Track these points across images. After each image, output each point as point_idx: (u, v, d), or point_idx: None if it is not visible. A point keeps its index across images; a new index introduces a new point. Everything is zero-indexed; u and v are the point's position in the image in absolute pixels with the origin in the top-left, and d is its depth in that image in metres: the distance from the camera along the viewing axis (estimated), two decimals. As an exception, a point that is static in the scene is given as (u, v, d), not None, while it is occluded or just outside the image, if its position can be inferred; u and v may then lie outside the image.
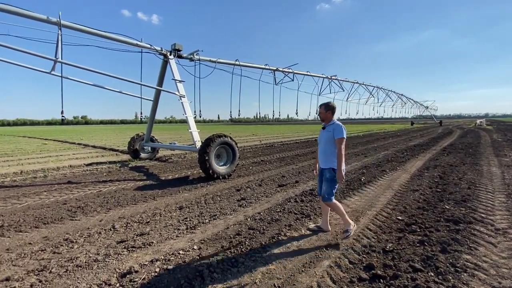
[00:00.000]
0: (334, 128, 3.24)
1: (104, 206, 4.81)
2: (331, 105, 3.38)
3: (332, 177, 3.24)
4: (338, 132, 3.20)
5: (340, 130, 3.19)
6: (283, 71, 13.38)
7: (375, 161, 9.18)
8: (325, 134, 3.33)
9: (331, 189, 3.26)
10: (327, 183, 3.26)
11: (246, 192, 5.60)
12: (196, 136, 7.60)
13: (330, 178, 3.24)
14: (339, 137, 3.18)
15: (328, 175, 3.25)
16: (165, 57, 8.52)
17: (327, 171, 3.28)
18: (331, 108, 3.36)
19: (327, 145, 3.29)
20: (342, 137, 3.17)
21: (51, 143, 18.92)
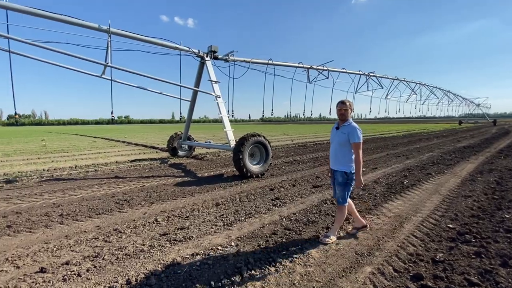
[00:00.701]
0: (350, 131, 3.04)
1: (148, 200, 5.13)
2: (352, 102, 3.18)
3: (345, 181, 3.12)
4: (355, 136, 3.00)
5: (357, 134, 3.00)
6: (317, 68, 13.07)
7: (419, 163, 8.54)
8: (339, 135, 3.14)
9: (344, 193, 3.15)
10: (340, 187, 3.15)
11: (280, 192, 5.57)
12: (230, 135, 7.76)
13: (343, 182, 3.13)
14: (357, 142, 3.00)
15: (340, 179, 3.14)
16: (202, 59, 8.82)
17: (339, 174, 3.16)
18: (352, 106, 3.16)
19: (341, 147, 3.13)
20: (359, 142, 3.01)
21: (99, 141, 20.74)
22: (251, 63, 10.12)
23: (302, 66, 12.30)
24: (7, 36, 5.66)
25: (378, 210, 4.32)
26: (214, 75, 8.62)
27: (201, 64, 9.01)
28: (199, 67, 9.07)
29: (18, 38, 5.85)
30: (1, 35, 5.62)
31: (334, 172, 3.23)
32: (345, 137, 3.05)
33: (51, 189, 5.99)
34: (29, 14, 5.90)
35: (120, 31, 7.14)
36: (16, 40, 5.85)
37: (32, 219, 4.23)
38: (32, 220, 4.18)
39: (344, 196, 3.15)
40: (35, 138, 24.34)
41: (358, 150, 3.01)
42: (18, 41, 5.91)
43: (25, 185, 6.50)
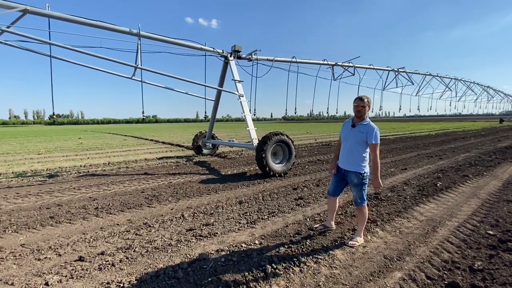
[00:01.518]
0: (368, 131, 2.91)
1: (174, 196, 5.33)
2: (370, 100, 3.01)
3: (360, 182, 3.04)
4: (374, 136, 2.89)
5: (376, 134, 2.91)
6: (342, 65, 12.69)
7: (454, 165, 7.99)
8: (355, 134, 3.00)
9: (362, 193, 3.07)
10: (357, 188, 3.07)
11: (303, 192, 5.50)
12: (253, 134, 7.80)
13: (359, 183, 3.04)
14: (375, 143, 2.91)
15: (356, 180, 3.05)
16: (225, 59, 8.95)
17: (353, 175, 3.06)
18: (370, 104, 3.01)
19: (356, 146, 3.00)
20: (378, 143, 2.92)
21: (129, 139, 21.86)
22: (274, 61, 10.08)
23: (327, 63, 12.02)
24: (49, 42, 6.14)
25: (408, 213, 4.11)
26: (238, 74, 8.70)
27: (225, 64, 9.14)
28: (223, 67, 9.21)
29: (59, 44, 6.33)
30: (43, 41, 6.11)
31: (346, 172, 3.12)
32: (363, 137, 2.93)
33: (87, 184, 6.43)
34: (68, 21, 6.36)
35: (149, 34, 7.45)
36: (56, 46, 6.33)
37: (71, 211, 4.57)
38: (72, 212, 4.52)
39: (362, 196, 3.08)
40: (72, 136, 26.25)
41: (376, 152, 2.92)
42: (58, 47, 6.40)
43: (65, 179, 7.04)
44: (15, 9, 5.51)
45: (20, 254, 3.08)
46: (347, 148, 3.09)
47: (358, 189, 3.05)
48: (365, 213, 3.15)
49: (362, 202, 3.08)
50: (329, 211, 3.54)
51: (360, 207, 3.12)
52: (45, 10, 5.99)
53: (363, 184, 3.04)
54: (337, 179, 3.28)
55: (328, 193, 3.44)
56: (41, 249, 3.18)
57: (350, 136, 3.05)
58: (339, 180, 3.26)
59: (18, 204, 4.99)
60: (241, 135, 23.89)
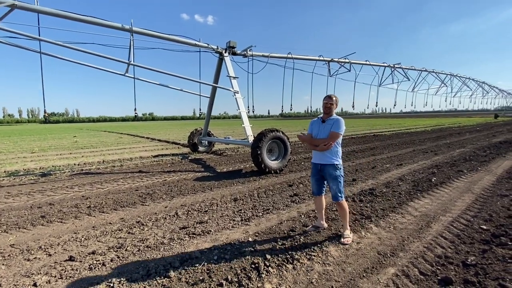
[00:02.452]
0: (334, 122, 3.12)
1: (169, 194, 5.28)
2: (338, 99, 3.25)
3: (338, 174, 3.12)
4: (337, 125, 3.09)
5: (340, 124, 3.10)
6: (338, 61, 12.65)
7: (449, 160, 8.02)
8: (326, 128, 3.15)
9: (340, 187, 3.13)
10: (335, 181, 3.12)
11: (299, 188, 5.48)
12: (249, 131, 7.75)
13: (337, 175, 3.12)
14: (336, 131, 3.07)
15: (333, 172, 3.12)
16: (220, 55, 8.86)
17: (330, 168, 3.13)
18: (337, 102, 3.25)
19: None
20: (339, 132, 3.07)
21: (125, 137, 21.69)
22: (270, 57, 10.00)
23: (323, 59, 11.96)
24: (38, 38, 6.01)
25: (403, 208, 4.11)
26: (233, 70, 8.62)
27: (219, 60, 9.05)
28: (218, 63, 9.12)
29: (49, 40, 6.20)
30: (33, 37, 5.98)
31: (323, 167, 3.17)
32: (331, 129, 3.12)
33: (80, 183, 6.35)
34: (58, 17, 6.22)
35: (142, 30, 7.33)
36: (46, 42, 6.20)
37: (63, 210, 4.50)
38: (63, 211, 4.45)
39: (341, 190, 3.13)
40: (67, 135, 25.99)
41: (335, 140, 3.07)
42: (49, 43, 6.27)
43: (58, 178, 6.95)
44: (3, 4, 5.37)
45: (9, 254, 3.02)
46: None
47: (336, 182, 3.10)
48: (346, 207, 3.17)
49: (341, 196, 3.12)
50: (318, 210, 3.51)
51: (340, 202, 3.13)
52: (34, 5, 5.85)
53: (340, 176, 3.13)
54: (316, 177, 3.30)
55: (313, 194, 3.44)
56: (31, 249, 3.13)
57: (321, 131, 3.19)
58: (318, 178, 3.29)
59: (8, 204, 4.91)
60: (238, 132, 23.82)
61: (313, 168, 3.34)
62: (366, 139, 15.82)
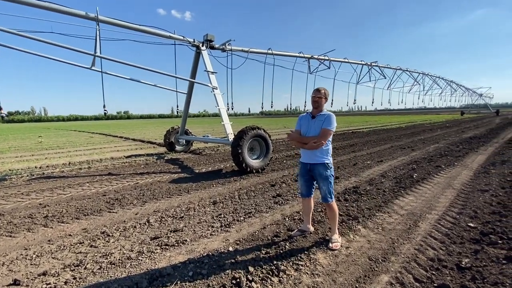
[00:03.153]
0: (326, 118, 2.84)
1: (140, 198, 4.80)
2: (328, 92, 2.96)
3: (329, 174, 2.87)
4: (329, 121, 2.81)
5: (331, 120, 2.82)
6: (318, 58, 12.61)
7: (426, 155, 8.18)
8: (316, 124, 2.88)
9: (330, 188, 2.88)
10: (326, 182, 2.86)
11: (282, 188, 5.24)
12: (228, 129, 7.39)
13: (328, 175, 2.86)
14: (328, 128, 2.80)
15: (324, 172, 2.85)
16: (197, 49, 8.39)
17: (321, 167, 2.87)
18: (327, 96, 2.95)
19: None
20: (330, 129, 2.81)
21: (97, 137, 20.39)
22: (250, 52, 9.68)
23: (303, 56, 11.84)
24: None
25: (388, 207, 3.98)
26: (211, 65, 8.19)
27: (196, 54, 8.58)
28: (194, 58, 8.64)
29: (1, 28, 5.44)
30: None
31: (312, 166, 2.90)
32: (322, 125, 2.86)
33: (39, 188, 5.66)
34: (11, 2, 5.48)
35: (109, 19, 6.69)
36: None
37: (14, 221, 3.90)
38: (14, 222, 3.86)
39: (331, 191, 2.89)
40: (32, 135, 24.00)
41: (327, 138, 2.82)
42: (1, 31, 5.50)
43: (13, 184, 6.17)
44: None
45: None
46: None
47: (327, 182, 2.86)
48: (336, 209, 2.94)
49: (331, 197, 2.89)
50: (305, 213, 3.24)
51: (330, 204, 2.90)
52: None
53: (331, 176, 2.89)
54: (305, 178, 3.02)
55: (301, 195, 3.16)
56: (-36, 273, 2.59)
57: (311, 128, 2.92)
58: (308, 179, 3.02)
59: None
60: (218, 131, 23.27)
61: (302, 168, 3.06)
62: (345, 136, 16.00)
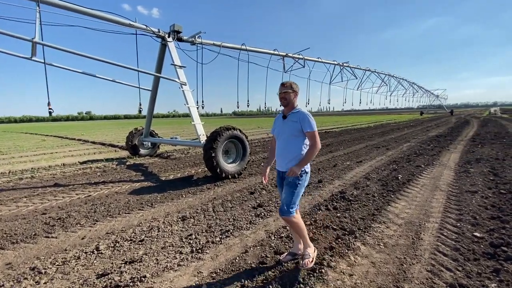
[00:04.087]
0: (301, 118, 2.35)
1: (91, 217, 3.90)
2: (296, 85, 2.44)
3: (295, 181, 2.33)
4: (308, 123, 2.32)
5: (309, 120, 2.33)
6: (293, 56, 12.28)
7: (402, 155, 8.14)
8: (289, 125, 2.40)
9: (292, 198, 2.33)
10: (289, 189, 2.34)
11: (262, 196, 4.65)
12: (200, 129, 6.64)
13: (293, 182, 2.33)
14: (312, 130, 2.32)
15: (291, 178, 2.34)
16: (163, 40, 7.50)
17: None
18: (296, 89, 2.43)
19: (293, 140, 2.39)
20: (315, 130, 2.33)
21: (50, 139, 18.18)
22: (222, 47, 8.98)
23: (278, 53, 11.41)
24: None
25: (383, 215, 3.58)
26: (178, 59, 7.36)
27: (162, 46, 7.68)
28: (160, 50, 7.72)
29: None
30: None
31: (284, 174, 2.42)
32: (298, 126, 2.35)
33: (-44, 207, 4.46)
34: None
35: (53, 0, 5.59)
36: None
37: None
38: None
39: (290, 201, 2.31)
40: (-31, 138, 20.78)
41: (316, 139, 2.33)
42: None
43: None
44: None
45: None
46: (282, 145, 2.46)
47: (290, 191, 2.33)
48: (297, 223, 2.38)
49: (288, 209, 2.31)
50: (292, 231, 2.63)
51: (288, 218, 2.32)
52: None
53: (297, 185, 2.33)
54: (282, 188, 2.50)
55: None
56: None
57: (284, 130, 2.44)
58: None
59: None
60: (188, 132, 22.13)
61: (277, 177, 2.58)
62: (327, 135, 15.92)
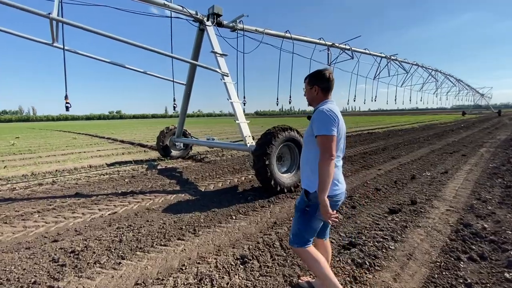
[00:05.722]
0: (314, 117, 1.72)
1: (115, 250, 2.79)
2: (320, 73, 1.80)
3: (302, 206, 1.77)
4: (318, 124, 1.65)
5: (322, 120, 1.64)
6: (340, 47, 10.73)
7: (496, 164, 6.37)
8: (308, 129, 1.79)
9: (297, 226, 1.81)
10: (295, 213, 1.85)
11: (345, 224, 3.31)
12: (246, 130, 5.42)
13: (300, 208, 1.79)
14: (320, 134, 1.63)
15: (298, 200, 1.86)
16: (201, 24, 6.40)
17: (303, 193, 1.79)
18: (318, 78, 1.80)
19: (306, 147, 1.84)
20: (324, 135, 1.61)
21: (81, 137, 18.14)
22: (265, 34, 7.72)
23: (324, 42, 9.93)
24: None
25: None
26: (219, 46, 6.21)
27: (199, 32, 6.58)
28: (197, 36, 6.63)
29: None
30: None
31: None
32: (310, 129, 1.75)
33: (-43, 223, 3.59)
34: None
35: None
36: None
37: None
38: None
39: (296, 230, 1.82)
40: (9, 136, 21.52)
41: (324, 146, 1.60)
42: None
43: None
44: None
45: None
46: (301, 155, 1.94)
47: (296, 217, 1.84)
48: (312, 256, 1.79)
49: (295, 239, 1.82)
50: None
51: (297, 250, 1.84)
52: None
53: (304, 211, 1.76)
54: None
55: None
56: None
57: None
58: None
59: None
60: (216, 132, 21.26)
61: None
62: (362, 137, 14.17)
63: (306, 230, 1.76)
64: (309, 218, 1.74)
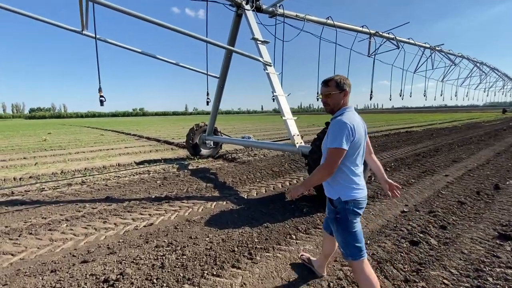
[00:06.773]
0: (332, 128, 1.62)
1: (157, 281, 2.19)
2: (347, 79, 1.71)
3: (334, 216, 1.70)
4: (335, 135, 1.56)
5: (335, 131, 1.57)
6: (383, 35, 9.65)
7: None
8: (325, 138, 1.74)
9: (341, 238, 1.70)
10: (333, 228, 1.75)
11: (438, 248, 2.51)
12: (293, 128, 4.69)
13: (333, 218, 1.71)
14: (330, 147, 1.58)
15: (329, 211, 1.77)
16: (238, 9, 5.72)
17: (328, 203, 1.77)
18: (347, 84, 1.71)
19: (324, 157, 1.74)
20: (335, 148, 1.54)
21: (108, 134, 18.31)
22: (306, 20, 6.91)
23: (368, 31, 8.91)
24: None
25: None
26: (259, 32, 5.52)
27: (236, 18, 5.90)
28: (234, 22, 5.96)
29: None
30: None
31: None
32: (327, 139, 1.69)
33: (-20, 231, 3.19)
34: None
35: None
36: None
37: None
38: None
39: (344, 242, 1.69)
40: (42, 131, 22.34)
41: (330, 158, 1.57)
42: None
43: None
44: None
45: None
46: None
47: (335, 230, 1.73)
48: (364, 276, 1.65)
49: (347, 253, 1.68)
50: (322, 249, 2.17)
51: (351, 263, 1.69)
52: None
53: (339, 220, 1.66)
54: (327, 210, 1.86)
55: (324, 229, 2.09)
56: None
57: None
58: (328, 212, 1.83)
59: None
60: (239, 129, 20.73)
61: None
62: (402, 136, 12.95)
63: (350, 237, 1.67)
64: (345, 224, 1.66)
